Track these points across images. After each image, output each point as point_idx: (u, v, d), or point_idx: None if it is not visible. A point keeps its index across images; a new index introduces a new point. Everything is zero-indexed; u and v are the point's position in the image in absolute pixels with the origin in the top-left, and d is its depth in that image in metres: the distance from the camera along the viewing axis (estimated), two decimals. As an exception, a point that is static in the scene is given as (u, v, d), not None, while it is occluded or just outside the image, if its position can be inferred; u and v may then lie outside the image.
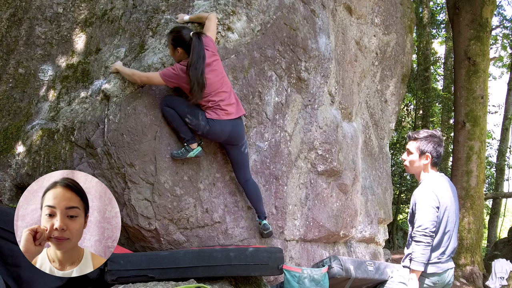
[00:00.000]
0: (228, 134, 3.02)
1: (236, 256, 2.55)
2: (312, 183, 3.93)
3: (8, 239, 2.39)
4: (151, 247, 3.22)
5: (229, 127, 3.00)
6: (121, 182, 3.10)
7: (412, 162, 2.61)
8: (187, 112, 2.96)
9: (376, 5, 5.31)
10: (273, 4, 3.53)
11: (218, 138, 3.07)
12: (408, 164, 2.65)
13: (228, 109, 2.98)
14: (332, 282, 2.77)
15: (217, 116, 2.95)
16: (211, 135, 3.02)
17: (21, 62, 3.68)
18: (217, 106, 2.95)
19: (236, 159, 3.17)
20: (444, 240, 2.50)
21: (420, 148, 2.57)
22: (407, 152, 2.66)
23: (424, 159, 2.57)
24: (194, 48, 2.80)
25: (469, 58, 8.23)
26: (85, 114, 3.28)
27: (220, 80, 2.95)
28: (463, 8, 8.40)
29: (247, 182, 3.24)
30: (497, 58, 15.64)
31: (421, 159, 2.58)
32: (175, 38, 2.91)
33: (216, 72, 2.93)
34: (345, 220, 4.34)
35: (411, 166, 2.64)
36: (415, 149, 2.59)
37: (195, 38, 2.83)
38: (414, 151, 2.60)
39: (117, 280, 2.42)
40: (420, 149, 2.57)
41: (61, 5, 3.78)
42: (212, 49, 2.95)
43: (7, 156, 3.46)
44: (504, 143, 13.37)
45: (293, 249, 3.76)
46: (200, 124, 2.95)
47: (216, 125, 2.96)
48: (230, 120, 2.99)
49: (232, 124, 3.01)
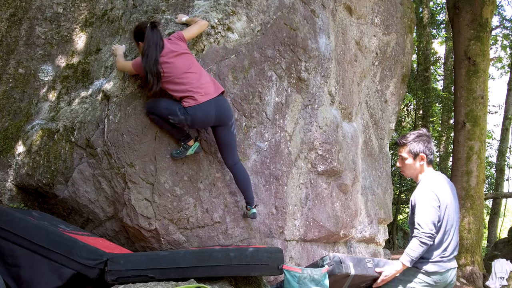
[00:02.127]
0: (215, 114, 2.91)
1: (236, 256, 2.55)
2: (312, 183, 3.93)
3: (8, 239, 2.39)
4: (151, 247, 3.22)
5: (212, 107, 2.88)
6: (121, 182, 3.10)
7: (409, 166, 2.64)
8: (165, 113, 2.90)
9: (376, 5, 5.31)
10: (273, 4, 3.53)
11: (207, 123, 2.96)
12: (405, 169, 2.67)
13: (202, 90, 2.86)
14: (332, 280, 2.77)
15: (194, 101, 2.84)
16: (197, 122, 2.92)
17: (21, 62, 3.68)
18: (190, 91, 2.84)
19: (226, 140, 3.06)
20: (445, 238, 2.50)
21: (412, 151, 2.59)
22: (400, 159, 2.68)
23: (419, 160, 2.60)
24: (146, 38, 2.80)
25: (469, 58, 8.23)
26: (85, 114, 3.28)
27: (187, 63, 2.87)
28: (463, 8, 8.40)
29: (236, 165, 3.14)
30: (497, 58, 15.64)
31: (416, 161, 2.60)
32: (135, 34, 2.95)
33: (184, 58, 2.87)
34: (345, 220, 4.34)
35: (408, 170, 2.66)
36: (407, 154, 2.62)
37: (148, 29, 2.83)
38: (407, 156, 2.62)
39: (117, 280, 2.42)
40: (412, 152, 2.59)
41: (61, 5, 3.78)
42: (180, 43, 2.93)
43: (7, 156, 3.46)
44: (504, 143, 13.37)
45: (293, 249, 3.76)
46: (181, 118, 2.86)
47: (197, 111, 2.85)
48: (210, 100, 2.87)
49: (215, 103, 2.89)
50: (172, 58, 2.84)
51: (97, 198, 3.24)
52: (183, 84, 2.84)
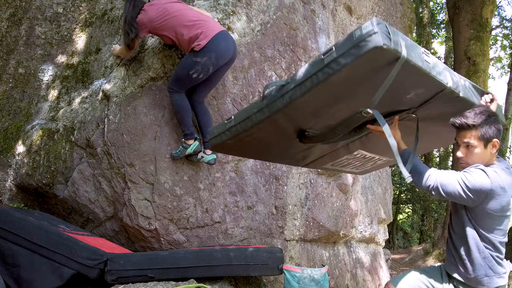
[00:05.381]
0: (230, 46, 2.83)
1: (236, 256, 2.55)
2: (312, 183, 3.93)
3: (8, 239, 2.39)
4: (151, 247, 3.22)
5: (223, 38, 2.78)
6: (121, 182, 3.10)
7: (477, 156, 1.95)
8: (185, 72, 2.80)
9: (376, 5, 5.31)
10: (273, 4, 3.53)
11: (226, 55, 2.83)
12: (470, 160, 1.97)
13: (206, 29, 2.75)
14: (368, 65, 1.41)
15: (204, 38, 2.73)
16: (220, 57, 2.79)
17: (21, 62, 3.68)
18: (194, 33, 2.74)
19: (216, 80, 3.01)
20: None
21: (484, 136, 1.92)
22: (465, 146, 1.97)
23: (491, 148, 1.95)
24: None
25: (469, 58, 8.23)
26: (85, 114, 3.28)
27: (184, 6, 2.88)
28: (463, 8, 8.41)
29: (202, 104, 3.06)
30: (497, 58, 15.65)
31: (487, 149, 1.95)
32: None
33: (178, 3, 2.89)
34: (345, 220, 4.34)
35: (474, 161, 1.96)
36: (476, 140, 1.93)
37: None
38: (476, 142, 1.93)
39: (117, 280, 2.42)
40: (484, 137, 1.92)
41: (61, 5, 3.78)
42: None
43: (7, 156, 3.46)
44: (504, 143, 13.36)
45: (293, 249, 3.76)
46: (204, 60, 2.74)
47: (211, 45, 2.73)
48: (218, 34, 2.77)
49: (223, 36, 2.80)
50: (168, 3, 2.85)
51: (97, 198, 3.24)
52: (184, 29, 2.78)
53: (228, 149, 2.07)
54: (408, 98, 1.72)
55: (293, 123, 1.81)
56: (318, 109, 1.69)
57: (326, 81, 1.44)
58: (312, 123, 1.85)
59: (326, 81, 1.44)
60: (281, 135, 1.91)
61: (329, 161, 2.45)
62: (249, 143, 1.94)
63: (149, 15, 2.83)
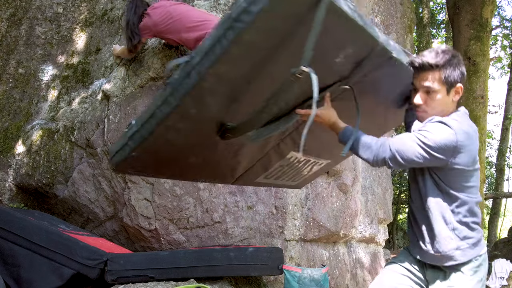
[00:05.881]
0: None
1: (236, 256, 2.55)
2: (312, 183, 3.93)
3: (8, 239, 2.39)
4: (151, 247, 3.22)
5: None
6: (121, 182, 3.10)
7: (438, 103, 1.60)
8: None
9: (376, 5, 5.31)
10: (273, 4, 3.53)
11: None
12: (429, 108, 1.61)
13: (211, 30, 2.78)
14: (286, 10, 1.11)
15: None
16: None
17: (21, 62, 3.68)
18: (199, 34, 2.64)
19: None
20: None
21: (448, 80, 1.56)
22: (424, 91, 1.60)
23: (454, 95, 1.62)
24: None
25: (469, 58, 8.23)
26: (85, 114, 3.28)
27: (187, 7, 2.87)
28: (463, 8, 8.41)
29: None
30: (497, 58, 15.66)
31: (450, 96, 1.60)
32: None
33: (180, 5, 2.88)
34: (345, 220, 4.34)
35: (435, 110, 1.61)
36: (439, 83, 1.56)
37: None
38: (438, 86, 1.57)
39: (117, 280, 2.42)
40: (448, 81, 1.56)
41: (61, 5, 3.78)
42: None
43: (7, 156, 3.46)
44: (504, 143, 13.38)
45: (293, 249, 3.76)
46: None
47: None
48: None
49: None
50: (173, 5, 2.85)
51: (97, 198, 3.24)
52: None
53: (135, 166, 1.60)
54: (337, 63, 1.40)
55: (209, 114, 1.40)
56: (236, 88, 1.31)
57: (239, 41, 1.10)
58: (233, 112, 1.45)
59: (238, 40, 1.10)
60: (197, 133, 1.49)
61: (262, 172, 2.08)
62: (160, 152, 1.51)
63: (153, 19, 2.83)
